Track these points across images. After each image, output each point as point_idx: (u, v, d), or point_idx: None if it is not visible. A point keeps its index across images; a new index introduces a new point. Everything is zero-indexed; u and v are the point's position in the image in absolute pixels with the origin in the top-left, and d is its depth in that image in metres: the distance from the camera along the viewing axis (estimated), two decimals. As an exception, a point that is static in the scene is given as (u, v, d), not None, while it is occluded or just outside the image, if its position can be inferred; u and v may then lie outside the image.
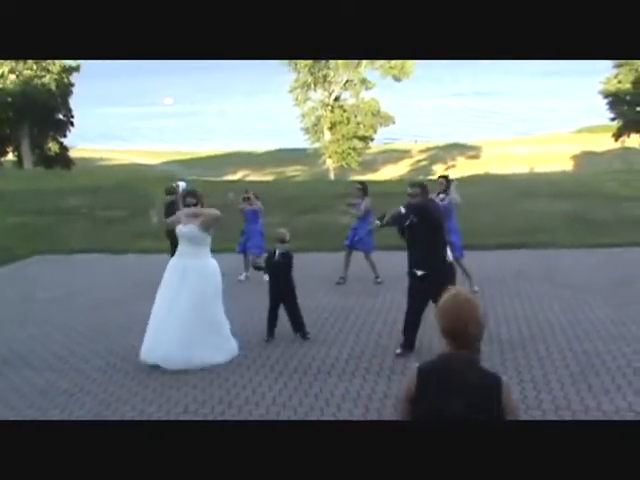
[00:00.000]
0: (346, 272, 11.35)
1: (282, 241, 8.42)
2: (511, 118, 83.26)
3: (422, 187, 7.58)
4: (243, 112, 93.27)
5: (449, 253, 7.56)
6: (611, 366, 6.99)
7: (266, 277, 8.84)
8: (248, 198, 11.80)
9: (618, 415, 5.80)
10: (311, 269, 9.64)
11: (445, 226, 7.92)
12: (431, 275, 7.21)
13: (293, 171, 55.80)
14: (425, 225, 7.28)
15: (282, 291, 8.38)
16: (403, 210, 7.43)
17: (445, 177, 10.65)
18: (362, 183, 11.84)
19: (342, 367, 7.34)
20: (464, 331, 2.95)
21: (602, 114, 49.55)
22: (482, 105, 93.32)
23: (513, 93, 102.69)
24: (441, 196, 9.93)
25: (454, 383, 2.92)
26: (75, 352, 8.31)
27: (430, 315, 7.60)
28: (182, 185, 9.00)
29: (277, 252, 8.39)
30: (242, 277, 11.73)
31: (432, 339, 7.62)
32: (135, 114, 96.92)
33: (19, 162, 46.47)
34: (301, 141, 52.24)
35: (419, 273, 7.35)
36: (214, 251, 8.01)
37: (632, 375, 6.73)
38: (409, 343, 7.62)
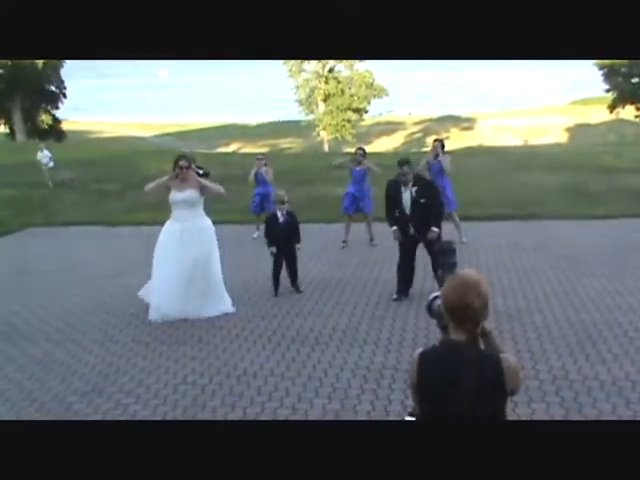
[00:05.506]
0: (348, 236, 12.00)
1: (282, 202, 9.02)
2: (505, 90, 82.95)
3: (409, 165, 8.63)
4: (236, 84, 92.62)
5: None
6: (608, 336, 7.01)
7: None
8: (263, 162, 13.02)
9: (615, 385, 5.83)
10: (307, 241, 9.61)
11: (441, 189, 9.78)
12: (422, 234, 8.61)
13: (287, 143, 55.53)
14: (429, 199, 8.48)
15: (287, 249, 8.96)
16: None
17: (440, 140, 12.11)
18: (362, 148, 12.56)
19: (339, 338, 7.34)
20: (463, 308, 2.84)
21: (596, 86, 49.38)
22: (475, 77, 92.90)
23: (507, 65, 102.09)
24: (440, 157, 11.40)
25: (453, 371, 2.84)
26: (71, 324, 8.29)
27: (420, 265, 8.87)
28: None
29: (279, 213, 8.96)
30: (255, 235, 12.63)
31: (423, 287, 8.83)
32: (128, 86, 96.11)
33: (11, 134, 46.13)
34: (295, 113, 52.00)
35: (412, 232, 8.57)
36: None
37: (628, 345, 6.75)
38: (405, 289, 8.73)
